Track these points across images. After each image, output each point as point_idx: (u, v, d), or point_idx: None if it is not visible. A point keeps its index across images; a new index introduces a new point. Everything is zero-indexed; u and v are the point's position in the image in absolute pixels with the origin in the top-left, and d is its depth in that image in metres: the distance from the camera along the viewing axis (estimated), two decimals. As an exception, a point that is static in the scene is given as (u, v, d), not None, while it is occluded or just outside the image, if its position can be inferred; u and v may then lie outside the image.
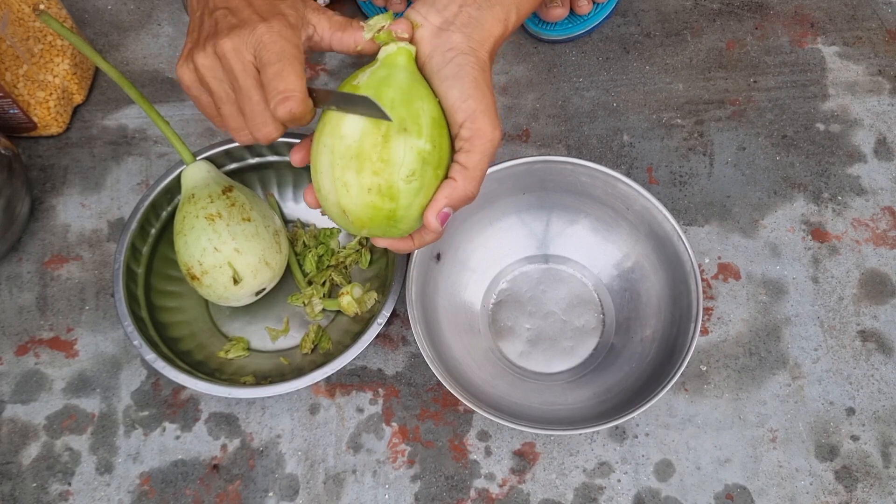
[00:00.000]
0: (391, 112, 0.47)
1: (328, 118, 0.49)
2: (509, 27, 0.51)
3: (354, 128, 0.47)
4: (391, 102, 0.47)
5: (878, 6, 0.90)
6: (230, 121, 0.52)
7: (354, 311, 0.70)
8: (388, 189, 0.48)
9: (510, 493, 0.67)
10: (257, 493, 0.67)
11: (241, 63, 0.49)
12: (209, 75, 0.50)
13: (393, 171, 0.47)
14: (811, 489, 0.67)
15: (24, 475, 0.68)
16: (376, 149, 0.47)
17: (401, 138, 0.47)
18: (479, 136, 0.48)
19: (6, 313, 0.74)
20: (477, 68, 0.49)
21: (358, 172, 0.47)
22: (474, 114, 0.48)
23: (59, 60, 0.79)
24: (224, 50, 0.49)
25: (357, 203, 0.48)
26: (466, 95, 0.48)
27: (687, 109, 0.84)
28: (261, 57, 0.48)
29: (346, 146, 0.47)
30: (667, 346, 0.66)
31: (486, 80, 0.49)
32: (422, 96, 0.48)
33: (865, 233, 0.78)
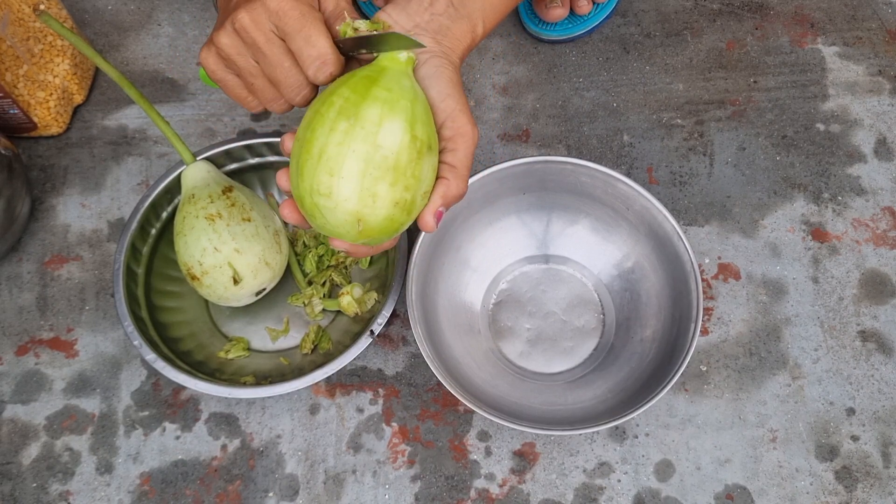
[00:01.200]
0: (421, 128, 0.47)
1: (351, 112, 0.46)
2: (477, 38, 0.52)
3: (393, 139, 0.46)
4: (415, 116, 0.47)
5: (878, 6, 0.90)
6: (263, 93, 0.52)
7: (354, 311, 0.70)
8: (411, 205, 0.47)
9: (510, 494, 0.67)
10: (257, 493, 0.67)
11: (262, 34, 0.49)
12: (233, 53, 0.50)
13: (418, 188, 0.47)
14: (811, 489, 0.67)
15: (24, 475, 0.68)
16: (411, 165, 0.46)
17: (429, 157, 0.47)
18: (462, 135, 0.48)
19: (6, 313, 0.74)
20: (451, 70, 0.49)
21: (391, 185, 0.46)
22: (454, 113, 0.48)
23: (59, 60, 0.79)
24: (243, 24, 0.48)
25: (379, 215, 0.47)
26: (445, 95, 0.48)
27: (687, 109, 0.84)
28: (282, 26, 0.48)
29: (383, 157, 0.46)
30: (667, 346, 0.66)
31: (460, 82, 0.50)
32: (427, 110, 0.48)
33: (865, 233, 0.78)
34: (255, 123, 0.84)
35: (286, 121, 0.83)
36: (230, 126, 0.83)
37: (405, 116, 0.46)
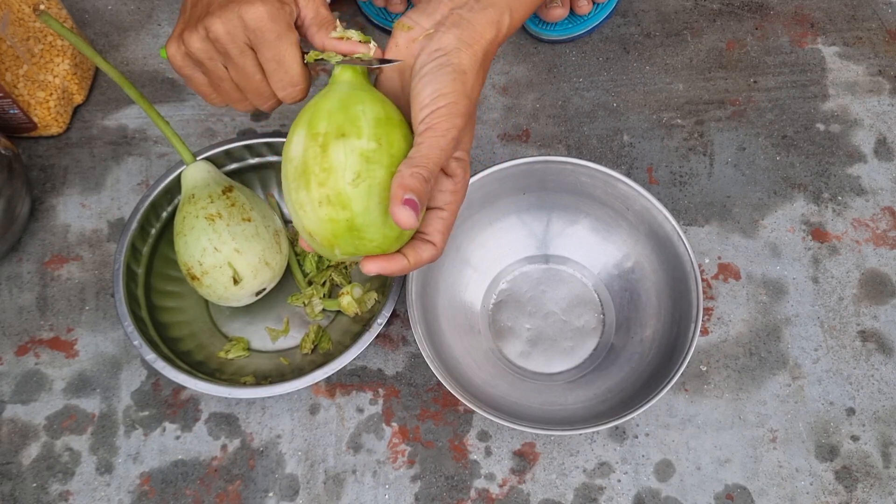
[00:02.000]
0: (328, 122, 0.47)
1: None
2: (503, 30, 0.50)
3: (297, 147, 0.47)
4: (328, 113, 0.47)
5: (878, 6, 0.90)
6: (229, 95, 0.52)
7: (354, 311, 0.70)
8: (338, 197, 0.46)
9: (510, 494, 0.67)
10: (257, 493, 0.67)
11: (236, 46, 0.49)
12: (204, 58, 0.50)
13: (338, 178, 0.46)
14: (811, 489, 0.67)
15: (24, 475, 0.68)
16: (317, 159, 0.46)
17: (339, 143, 0.46)
18: (432, 128, 0.46)
19: (6, 313, 0.74)
20: (461, 68, 0.48)
21: (307, 189, 0.46)
22: (437, 110, 0.47)
23: (59, 60, 0.79)
24: (216, 34, 0.48)
25: (314, 220, 0.47)
26: (437, 93, 0.47)
27: (687, 109, 0.84)
28: (256, 41, 0.48)
29: (294, 167, 0.47)
30: (667, 346, 0.66)
31: (469, 79, 0.48)
32: (363, 101, 0.48)
33: (865, 233, 0.78)
34: (255, 123, 0.84)
35: (286, 121, 0.83)
36: (230, 126, 0.83)
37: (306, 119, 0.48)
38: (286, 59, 0.49)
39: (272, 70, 0.50)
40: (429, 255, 0.51)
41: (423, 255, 0.50)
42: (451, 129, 0.46)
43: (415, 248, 0.50)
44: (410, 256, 0.50)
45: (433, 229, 0.51)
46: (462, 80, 0.47)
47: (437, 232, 0.50)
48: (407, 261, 0.50)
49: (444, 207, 0.50)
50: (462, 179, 0.50)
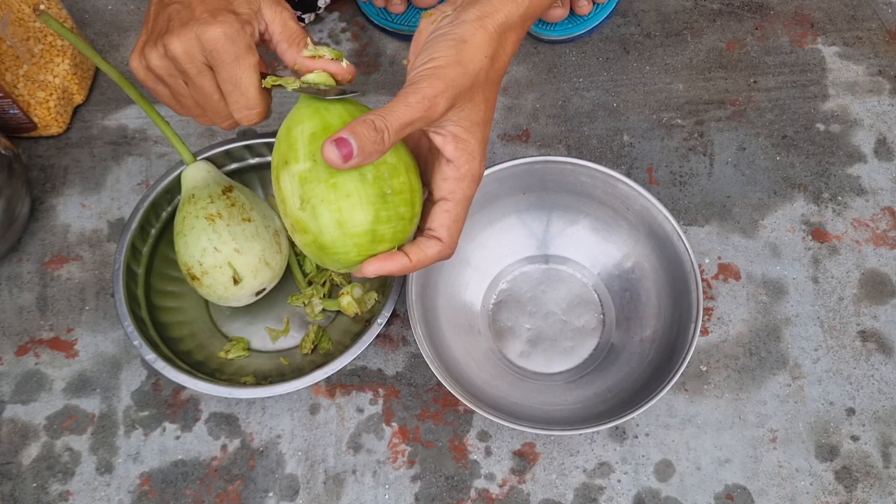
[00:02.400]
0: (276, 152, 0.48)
1: None
2: (524, 4, 0.47)
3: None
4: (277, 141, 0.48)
5: (878, 6, 0.90)
6: (190, 110, 0.52)
7: (354, 311, 0.70)
8: (298, 224, 0.47)
9: (510, 494, 0.67)
10: (257, 493, 0.67)
11: (194, 66, 0.49)
12: (164, 74, 0.50)
13: (291, 206, 0.47)
14: (811, 489, 0.67)
15: (24, 475, 0.68)
16: (277, 193, 0.48)
17: (284, 172, 0.47)
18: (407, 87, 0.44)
19: (6, 313, 0.74)
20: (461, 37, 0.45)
21: (283, 218, 0.49)
22: (422, 71, 0.44)
23: (59, 60, 0.79)
24: (175, 52, 0.48)
25: (299, 244, 0.49)
26: (428, 57, 0.45)
27: (687, 109, 0.84)
28: (213, 62, 0.48)
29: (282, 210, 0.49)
30: (667, 346, 0.66)
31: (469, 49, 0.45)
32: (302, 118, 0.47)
33: (865, 233, 0.78)
34: (255, 123, 0.84)
35: (286, 121, 0.83)
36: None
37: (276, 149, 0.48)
38: (242, 83, 0.49)
39: (228, 91, 0.49)
40: (434, 252, 0.48)
41: (428, 251, 0.48)
42: (427, 88, 0.44)
43: (417, 245, 0.48)
44: (412, 254, 0.48)
45: (438, 223, 0.48)
46: (458, 48, 0.45)
47: (443, 226, 0.48)
48: (408, 259, 0.48)
49: (448, 198, 0.48)
50: (466, 165, 0.47)
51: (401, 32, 0.86)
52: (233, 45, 0.48)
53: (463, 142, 0.47)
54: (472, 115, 0.47)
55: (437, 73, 0.44)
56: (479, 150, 0.48)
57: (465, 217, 0.49)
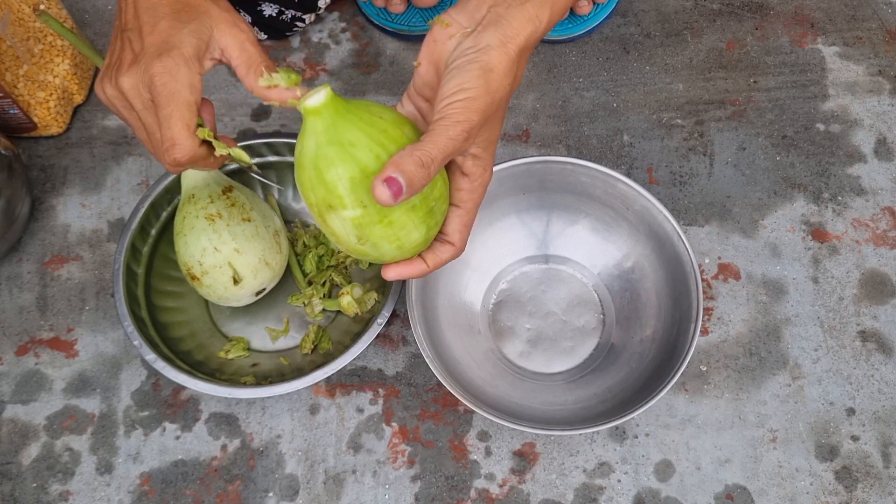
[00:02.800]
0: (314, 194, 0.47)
1: None
2: (541, 25, 0.49)
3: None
4: (310, 183, 0.47)
5: (878, 6, 0.90)
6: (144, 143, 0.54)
7: (354, 311, 0.70)
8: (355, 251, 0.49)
9: (510, 494, 0.67)
10: (257, 493, 0.67)
11: (140, 101, 0.50)
12: (118, 105, 0.51)
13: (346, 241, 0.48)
14: (811, 489, 0.67)
15: (24, 475, 0.68)
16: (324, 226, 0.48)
17: (331, 215, 0.47)
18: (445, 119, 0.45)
19: (6, 313, 0.74)
20: (489, 65, 0.46)
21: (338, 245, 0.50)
22: (455, 102, 0.45)
23: (60, 60, 0.79)
24: (123, 87, 0.50)
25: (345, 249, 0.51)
26: (458, 87, 0.46)
27: (687, 109, 0.84)
28: (153, 98, 0.49)
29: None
30: (667, 346, 0.66)
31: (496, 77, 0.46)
32: (332, 160, 0.46)
33: (865, 233, 0.78)
34: (256, 123, 0.84)
35: (286, 121, 0.83)
36: (230, 126, 0.83)
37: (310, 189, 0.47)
38: (171, 121, 0.49)
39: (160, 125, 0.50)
40: (448, 255, 0.52)
41: (443, 255, 0.52)
42: (465, 122, 0.45)
43: (434, 251, 0.52)
44: (429, 260, 0.52)
45: (451, 229, 0.51)
46: (487, 78, 0.46)
47: (455, 231, 0.51)
48: (426, 265, 0.51)
49: (460, 206, 0.51)
50: (479, 178, 0.50)
51: (401, 32, 0.86)
52: (171, 83, 0.48)
53: (480, 158, 0.50)
54: (491, 135, 0.50)
55: (471, 106, 0.46)
56: (491, 162, 0.51)
57: (473, 221, 0.52)
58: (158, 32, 0.49)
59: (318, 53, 0.87)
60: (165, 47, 0.49)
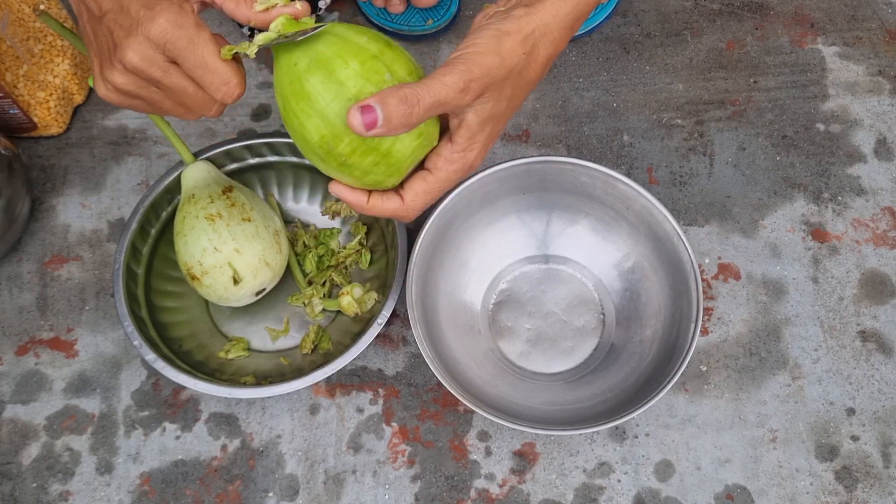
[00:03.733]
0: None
1: None
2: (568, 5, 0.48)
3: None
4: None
5: (878, 6, 0.90)
6: (174, 112, 0.51)
7: (354, 311, 0.70)
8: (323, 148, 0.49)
9: (510, 494, 0.67)
10: (257, 493, 0.67)
11: (157, 68, 0.47)
12: (133, 89, 0.48)
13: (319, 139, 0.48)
14: (811, 489, 0.67)
15: (24, 475, 0.68)
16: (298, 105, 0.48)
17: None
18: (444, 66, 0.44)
19: (6, 313, 0.74)
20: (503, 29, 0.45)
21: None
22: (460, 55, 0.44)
23: (60, 60, 0.79)
24: (133, 64, 0.46)
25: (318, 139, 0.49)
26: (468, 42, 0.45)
27: (687, 109, 0.84)
28: (173, 55, 0.46)
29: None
30: (667, 346, 0.66)
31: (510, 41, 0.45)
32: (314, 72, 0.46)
33: (865, 233, 0.78)
34: (256, 123, 0.84)
35: (286, 121, 0.83)
36: (230, 126, 0.83)
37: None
38: (208, 62, 0.46)
39: (199, 76, 0.47)
40: (391, 207, 0.49)
41: (386, 204, 0.50)
42: (464, 71, 0.44)
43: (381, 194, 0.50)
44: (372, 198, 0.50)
45: (409, 186, 0.49)
46: (498, 39, 0.45)
47: (411, 190, 0.49)
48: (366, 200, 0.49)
49: (430, 170, 0.49)
50: (462, 150, 0.48)
51: (401, 32, 0.86)
52: (181, 30, 0.46)
53: (471, 130, 0.47)
54: (493, 107, 0.47)
55: (475, 59, 0.44)
56: (483, 143, 0.48)
57: (437, 194, 0.50)
58: (139, 1, 0.46)
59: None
60: (153, 5, 0.46)
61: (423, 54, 0.87)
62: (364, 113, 0.42)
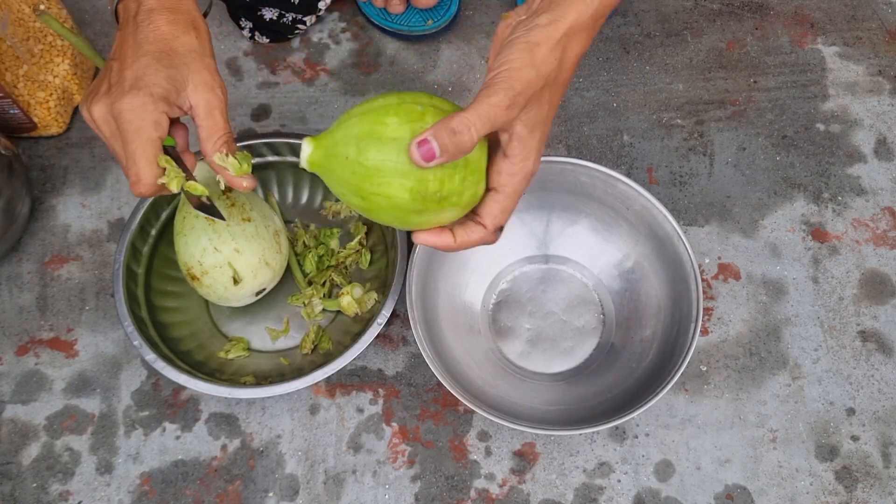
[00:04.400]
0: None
1: None
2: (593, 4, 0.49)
3: None
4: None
5: (878, 6, 0.90)
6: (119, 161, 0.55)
7: (354, 311, 0.70)
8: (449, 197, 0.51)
9: (510, 494, 0.67)
10: (257, 493, 0.67)
11: (108, 130, 0.52)
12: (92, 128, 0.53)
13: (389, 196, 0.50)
14: (811, 489, 0.67)
15: (25, 475, 0.68)
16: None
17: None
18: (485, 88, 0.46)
19: (6, 313, 0.74)
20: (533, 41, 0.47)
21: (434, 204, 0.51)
22: (498, 73, 0.46)
23: (60, 60, 0.79)
24: (94, 115, 0.52)
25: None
26: (502, 59, 0.47)
27: (687, 110, 0.84)
28: (121, 131, 0.51)
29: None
30: (667, 346, 0.66)
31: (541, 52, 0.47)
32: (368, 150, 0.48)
33: (865, 233, 0.78)
34: (256, 123, 0.84)
35: (286, 121, 0.83)
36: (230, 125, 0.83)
37: None
38: (135, 153, 0.51)
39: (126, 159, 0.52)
40: (477, 237, 0.51)
41: (472, 235, 0.51)
42: (507, 88, 0.46)
43: (464, 227, 0.51)
44: (458, 235, 0.51)
45: (485, 211, 0.51)
46: (531, 52, 0.47)
47: (488, 214, 0.51)
48: (453, 239, 0.51)
49: (498, 189, 0.50)
50: (520, 162, 0.49)
51: (400, 32, 0.86)
52: (136, 117, 0.50)
53: (523, 140, 0.49)
54: (537, 115, 0.49)
55: (514, 76, 0.46)
56: (537, 148, 0.50)
57: (512, 209, 0.52)
58: (136, 68, 0.51)
59: (318, 53, 0.87)
60: (137, 84, 0.50)
61: (422, 54, 0.87)
62: (420, 147, 0.46)
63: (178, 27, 0.52)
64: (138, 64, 0.51)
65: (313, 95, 0.85)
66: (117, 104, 0.50)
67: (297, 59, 0.87)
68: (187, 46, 0.52)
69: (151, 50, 0.51)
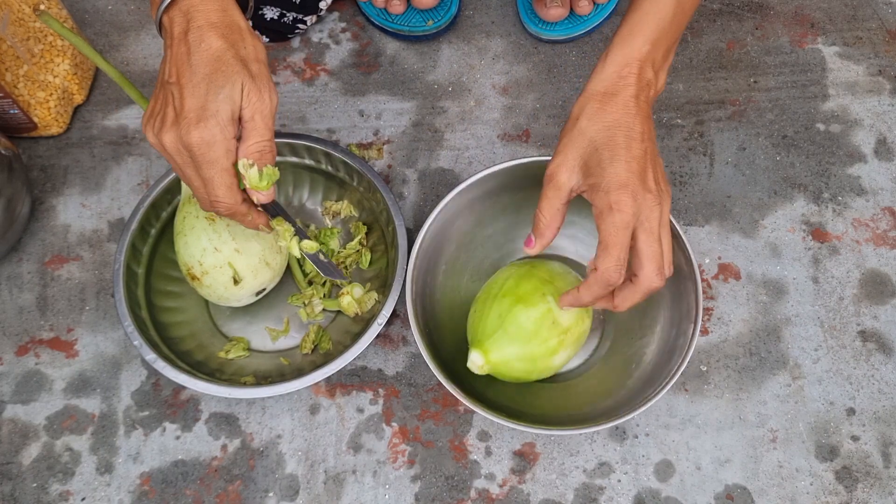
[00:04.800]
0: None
1: None
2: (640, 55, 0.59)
3: None
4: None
5: (878, 6, 0.90)
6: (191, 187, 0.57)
7: (354, 311, 0.70)
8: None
9: (510, 494, 0.67)
10: (257, 493, 0.67)
11: (180, 158, 0.54)
12: (161, 151, 0.55)
13: None
14: (811, 489, 0.67)
15: (25, 475, 0.68)
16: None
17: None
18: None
19: (6, 313, 0.74)
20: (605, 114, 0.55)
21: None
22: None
23: (60, 61, 0.79)
24: (165, 143, 0.54)
25: None
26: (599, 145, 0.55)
27: (687, 109, 0.84)
28: (194, 161, 0.53)
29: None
30: (667, 346, 0.66)
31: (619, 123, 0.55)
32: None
33: (866, 233, 0.78)
34: (255, 123, 0.83)
35: (286, 121, 0.83)
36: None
37: None
38: (213, 181, 0.54)
39: (205, 185, 0.55)
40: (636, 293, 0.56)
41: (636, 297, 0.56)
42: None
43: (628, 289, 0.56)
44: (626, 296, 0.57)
45: (620, 299, 0.57)
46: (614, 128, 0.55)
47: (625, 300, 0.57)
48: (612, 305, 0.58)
49: (632, 281, 0.55)
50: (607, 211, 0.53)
51: (401, 33, 0.86)
52: (209, 150, 0.53)
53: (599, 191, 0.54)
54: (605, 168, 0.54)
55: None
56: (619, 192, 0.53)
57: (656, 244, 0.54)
58: (197, 96, 0.52)
59: (318, 53, 0.87)
60: (202, 115, 0.52)
61: (422, 54, 0.87)
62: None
63: (227, 40, 0.53)
64: (199, 91, 0.52)
65: (313, 95, 0.85)
66: (187, 137, 0.52)
67: (297, 59, 0.87)
68: (238, 57, 0.53)
69: (207, 73, 0.52)
